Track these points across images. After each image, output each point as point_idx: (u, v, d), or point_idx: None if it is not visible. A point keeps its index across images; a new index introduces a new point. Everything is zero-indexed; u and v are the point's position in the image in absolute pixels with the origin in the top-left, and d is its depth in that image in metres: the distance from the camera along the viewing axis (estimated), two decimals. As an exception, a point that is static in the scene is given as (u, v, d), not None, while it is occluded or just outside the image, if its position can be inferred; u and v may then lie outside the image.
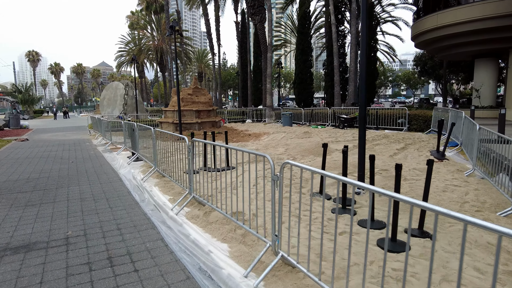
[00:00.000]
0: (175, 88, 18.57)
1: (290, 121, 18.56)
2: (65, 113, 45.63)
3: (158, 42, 47.16)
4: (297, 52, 32.86)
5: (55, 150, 12.42)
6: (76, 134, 19.05)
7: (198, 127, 16.65)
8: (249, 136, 15.17)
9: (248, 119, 23.94)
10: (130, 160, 9.07)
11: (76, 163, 9.58)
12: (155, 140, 6.96)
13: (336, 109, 17.31)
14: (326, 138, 13.03)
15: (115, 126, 13.82)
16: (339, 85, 21.08)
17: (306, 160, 8.66)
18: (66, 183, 6.98)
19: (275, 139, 13.89)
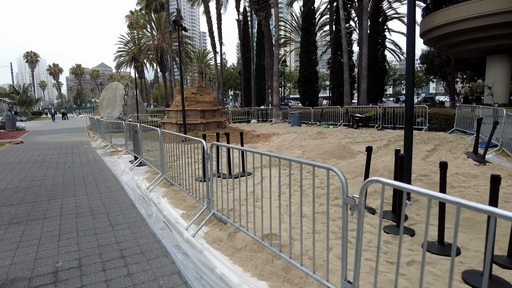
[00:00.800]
0: (178, 87, 17.66)
1: (299, 121, 17.66)
2: (64, 114, 44.71)
3: (158, 42, 46.24)
4: (301, 50, 31.99)
5: (50, 153, 11.51)
6: (74, 136, 18.15)
7: (203, 128, 15.74)
8: (257, 137, 14.27)
9: (253, 119, 23.04)
10: (132, 165, 8.16)
11: (72, 168, 8.68)
12: (162, 143, 6.05)
13: (349, 108, 16.38)
14: (343, 138, 12.14)
15: (115, 127, 12.94)
16: (348, 83, 20.20)
17: (330, 164, 7.74)
18: (60, 194, 6.07)
19: (286, 140, 12.99)
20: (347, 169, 6.93)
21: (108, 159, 10.06)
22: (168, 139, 6.21)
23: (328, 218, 2.53)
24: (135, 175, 7.22)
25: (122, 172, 7.91)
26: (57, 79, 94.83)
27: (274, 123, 19.86)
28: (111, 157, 10.34)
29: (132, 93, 32.35)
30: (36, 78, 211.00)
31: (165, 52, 42.59)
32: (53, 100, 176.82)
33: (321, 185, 5.84)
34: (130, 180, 6.92)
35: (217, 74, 36.58)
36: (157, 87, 77.80)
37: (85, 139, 16.58)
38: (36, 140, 16.26)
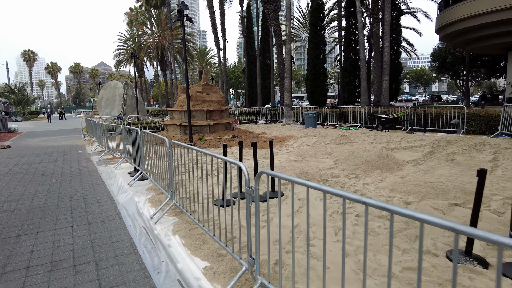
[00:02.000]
0: (182, 85, 16.16)
1: (314, 122, 16.17)
2: (61, 114, 43.21)
3: (158, 39, 44.68)
4: (309, 46, 30.45)
5: (38, 161, 10.00)
6: (69, 139, 16.64)
7: (210, 130, 14.25)
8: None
9: (261, 120, 21.55)
10: (132, 180, 6.66)
11: (60, 182, 7.18)
12: (172, 159, 4.55)
13: (372, 108, 14.84)
14: (373, 143, 10.65)
15: (112, 130, 11.40)
16: (366, 81, 18.68)
17: (376, 179, 6.27)
18: (36, 225, 4.58)
19: (306, 144, 11.50)
20: (404, 187, 5.44)
21: (104, 169, 8.56)
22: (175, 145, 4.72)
23: None
24: (136, 194, 5.72)
25: (119, 188, 6.41)
26: (55, 78, 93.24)
27: (285, 124, 18.36)
28: (107, 166, 8.84)
29: (131, 92, 30.87)
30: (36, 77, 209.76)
31: (165, 50, 41.02)
32: (52, 100, 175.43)
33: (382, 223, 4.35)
34: (129, 202, 5.43)
35: (220, 72, 35.02)
36: (157, 86, 76.26)
37: (80, 142, 15.08)
38: (25, 144, 14.76)
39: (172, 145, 4.50)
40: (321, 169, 7.27)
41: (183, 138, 13.70)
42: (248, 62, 37.55)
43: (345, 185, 6.14)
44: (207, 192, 3.69)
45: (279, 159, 9.01)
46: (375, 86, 20.16)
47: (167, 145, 4.56)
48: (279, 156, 9.53)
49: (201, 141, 13.36)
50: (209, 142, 13.01)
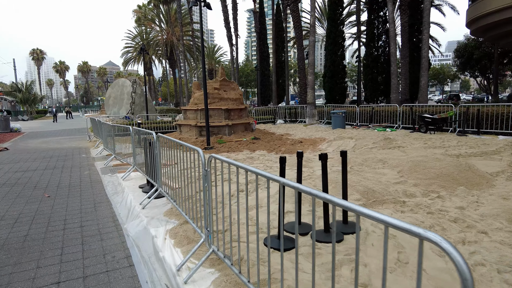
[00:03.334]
0: (197, 82, 14.65)
1: (343, 122, 14.51)
2: (68, 113, 42.16)
3: (167, 36, 43.30)
4: (327, 41, 28.72)
5: (33, 168, 8.56)
6: (73, 140, 15.26)
7: (229, 131, 12.70)
8: (300, 143, 11.17)
9: (279, 120, 19.94)
10: (146, 199, 5.12)
11: (54, 198, 5.69)
12: (210, 182, 2.99)
13: (413, 106, 13.04)
14: (427, 147, 8.98)
15: (120, 131, 9.87)
16: (397, 77, 16.93)
17: (468, 201, 4.65)
18: (5, 281, 3.05)
19: (344, 148, 9.85)
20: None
21: (110, 179, 7.07)
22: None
23: None
24: (151, 222, 4.18)
25: (129, 211, 4.89)
26: (63, 77, 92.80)
27: (308, 125, 16.72)
28: (114, 175, 7.34)
29: (140, 90, 29.53)
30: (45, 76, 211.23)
31: (175, 47, 39.64)
32: (61, 99, 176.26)
33: None
34: (143, 236, 3.89)
35: (233, 69, 33.49)
36: (165, 85, 75.14)
37: (85, 144, 13.67)
38: (25, 146, 13.40)
39: (210, 161, 2.92)
40: (385, 184, 5.66)
41: (199, 140, 12.19)
42: (260, 59, 35.95)
43: (430, 208, 4.54)
44: (256, 223, 2.12)
45: (320, 166, 7.40)
46: (402, 83, 18.40)
47: (202, 161, 2.99)
48: (318, 164, 7.92)
49: (219, 143, 11.83)
50: (228, 145, 11.47)
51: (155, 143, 4.86)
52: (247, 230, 2.43)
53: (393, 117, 13.90)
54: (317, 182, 6.13)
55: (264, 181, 5.30)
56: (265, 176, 2.15)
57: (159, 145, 4.83)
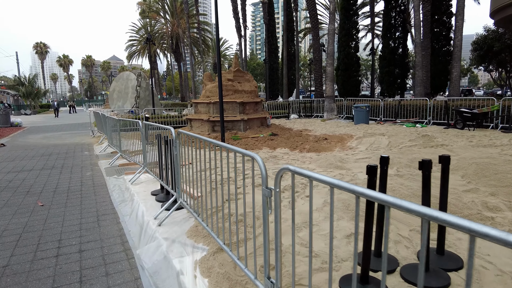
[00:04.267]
0: (208, 73, 13.56)
1: (367, 117, 13.36)
2: (72, 107, 41.29)
3: (173, 28, 42.07)
4: (340, 33, 27.43)
5: (29, 167, 7.55)
6: (76, 135, 14.27)
7: (244, 127, 11.61)
8: (325, 141, 10.06)
9: (292, 114, 18.81)
10: (162, 213, 4.07)
11: (49, 208, 4.67)
12: (279, 209, 1.95)
13: (447, 100, 11.80)
14: (475, 146, 7.85)
15: (126, 126, 8.77)
16: (422, 69, 15.68)
17: None
18: None
19: (378, 147, 8.78)
20: None
21: (115, 182, 6.03)
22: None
23: None
24: (173, 250, 3.13)
25: (141, 228, 3.84)
26: (67, 71, 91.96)
27: (326, 120, 15.58)
28: (120, 178, 6.31)
29: (145, 84, 28.51)
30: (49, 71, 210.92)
31: (180, 39, 38.45)
32: (65, 93, 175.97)
33: None
34: (165, 273, 2.85)
35: (241, 61, 32.29)
36: (170, 79, 74.13)
37: (88, 140, 12.67)
38: (24, 142, 12.42)
39: (280, 177, 1.83)
40: (453, 192, 4.58)
41: (211, 136, 11.13)
42: (269, 51, 34.72)
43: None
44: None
45: (359, 167, 6.33)
46: (423, 77, 17.15)
47: (263, 174, 1.91)
48: (355, 165, 6.85)
49: (234, 140, 10.77)
50: (244, 142, 10.41)
51: (175, 141, 3.79)
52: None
53: (422, 111, 12.72)
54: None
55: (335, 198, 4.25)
56: (365, 196, 1.07)
57: (179, 145, 3.77)
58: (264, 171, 1.90)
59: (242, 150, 2.20)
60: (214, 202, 3.93)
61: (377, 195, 1.27)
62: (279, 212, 1.80)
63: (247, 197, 4.11)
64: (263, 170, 1.90)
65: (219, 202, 4.12)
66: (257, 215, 3.78)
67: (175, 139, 3.79)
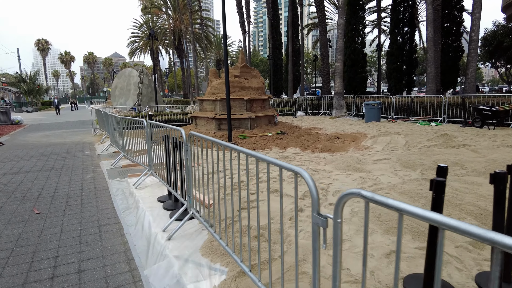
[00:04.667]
0: (213, 68, 13.10)
1: (378, 115, 12.88)
2: (73, 104, 40.93)
3: (175, 24, 41.51)
4: (347, 28, 26.76)
5: (27, 168, 7.14)
6: (77, 134, 13.86)
7: (251, 125, 11.16)
8: (337, 140, 9.59)
9: (299, 112, 18.33)
10: (172, 224, 3.63)
11: (45, 217, 4.24)
12: (339, 250, 1.76)
13: (464, 97, 11.22)
14: (500, 146, 7.37)
15: (130, 124, 8.30)
16: (433, 65, 15.14)
17: None
18: None
19: (395, 147, 8.32)
20: None
21: (119, 186, 5.60)
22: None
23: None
24: (187, 272, 2.70)
25: (149, 243, 3.41)
26: (69, 67, 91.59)
27: (335, 117, 15.10)
28: (124, 181, 5.88)
29: (147, 80, 28.08)
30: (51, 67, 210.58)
31: (183, 35, 37.92)
32: (67, 90, 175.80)
33: None
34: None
35: (247, 57, 31.75)
36: (172, 76, 73.60)
37: (89, 138, 12.26)
38: (24, 140, 12.02)
39: (342, 204, 1.36)
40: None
41: (217, 135, 10.68)
42: (273, 47, 34.14)
43: None
44: None
45: (379, 170, 5.87)
46: (434, 73, 16.60)
47: (315, 196, 1.45)
48: (374, 167, 6.39)
49: (242, 139, 10.32)
50: (252, 141, 9.96)
51: (186, 145, 3.34)
52: None
53: (437, 109, 12.21)
54: (393, 195, 4.60)
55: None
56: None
57: (191, 150, 3.32)
58: (315, 192, 1.44)
59: (284, 163, 1.74)
60: (229, 212, 3.50)
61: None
62: (339, 251, 1.34)
63: (262, 205, 3.70)
64: (313, 190, 1.45)
65: (234, 211, 3.69)
66: (285, 233, 3.34)
67: (186, 141, 3.34)
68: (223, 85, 11.71)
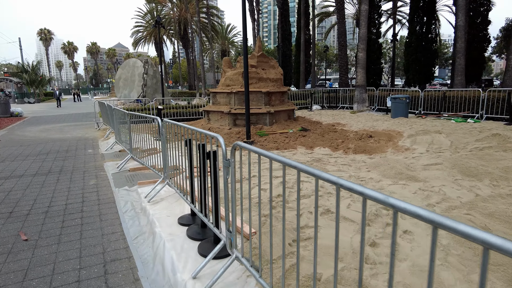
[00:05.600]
0: (227, 58, 12.00)
1: (406, 110, 11.77)
2: (76, 95, 39.99)
3: (180, 13, 40.17)
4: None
5: (20, 172, 6.16)
6: (79, 128, 12.89)
7: (270, 120, 10.11)
8: (370, 139, 8.53)
9: (315, 105, 17.24)
10: (205, 267, 2.61)
11: (34, 246, 3.26)
12: None
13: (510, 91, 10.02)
14: None
15: (137, 120, 7.21)
16: (464, 56, 13.93)
17: None
18: None
19: (440, 148, 7.27)
20: None
21: (127, 197, 4.62)
22: None
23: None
24: None
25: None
26: (72, 58, 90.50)
27: (357, 112, 14.00)
28: (133, 190, 4.90)
29: (152, 71, 27.00)
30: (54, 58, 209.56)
31: (189, 25, 36.61)
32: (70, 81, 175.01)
33: None
34: None
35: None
36: (176, 67, 72.36)
37: (92, 133, 11.28)
38: (21, 135, 11.06)
39: None
40: None
41: (233, 131, 9.66)
42: (282, 37, 32.84)
43: None
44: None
45: (436, 178, 4.81)
46: (462, 64, 15.38)
47: None
48: (421, 172, 5.37)
49: (260, 136, 9.30)
50: (272, 139, 8.94)
51: (230, 160, 2.31)
52: None
53: (473, 104, 11.08)
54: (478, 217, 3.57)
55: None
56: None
57: (233, 170, 2.29)
58: None
59: (352, 184, 0.71)
60: (275, 243, 2.51)
61: None
62: None
63: (309, 232, 2.61)
64: None
65: (285, 243, 2.72)
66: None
67: (230, 155, 2.31)
68: (238, 76, 10.65)
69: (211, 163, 2.72)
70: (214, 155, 2.71)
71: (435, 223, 0.98)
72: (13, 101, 33.89)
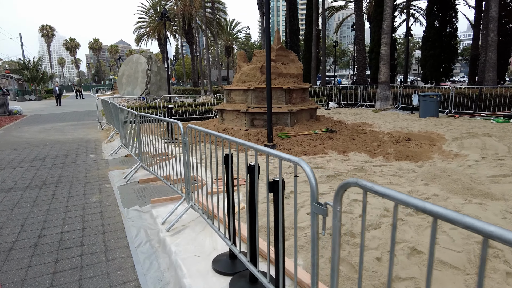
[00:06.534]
0: (242, 51, 10.98)
1: (437, 109, 10.74)
2: (78, 92, 39.10)
3: (184, 7, 39.04)
4: (375, 11, 24.35)
5: (9, 184, 5.21)
6: (80, 128, 11.95)
7: (291, 121, 9.10)
8: (410, 142, 7.51)
9: (331, 103, 16.21)
10: None
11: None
12: None
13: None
14: None
15: (142, 119, 6.13)
16: (495, 50, 12.87)
17: None
18: None
19: (496, 153, 6.28)
20: None
21: (139, 223, 3.65)
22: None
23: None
24: None
25: None
26: (74, 54, 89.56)
27: (380, 110, 12.97)
28: (145, 212, 3.93)
29: (156, 67, 26.00)
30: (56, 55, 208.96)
31: (194, 19, 35.54)
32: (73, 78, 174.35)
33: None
34: None
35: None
36: (179, 63, 71.33)
37: (95, 134, 10.33)
38: (17, 137, 10.11)
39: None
40: None
41: (251, 133, 8.67)
42: (290, 32, 31.71)
43: None
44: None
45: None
46: (494, 59, 14.32)
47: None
48: (491, 186, 4.39)
49: (282, 138, 8.31)
50: (297, 142, 7.96)
51: (335, 208, 1.32)
52: None
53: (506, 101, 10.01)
54: None
55: None
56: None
57: (337, 224, 1.48)
58: None
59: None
60: None
61: None
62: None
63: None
64: None
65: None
66: None
67: (335, 202, 1.32)
68: (256, 71, 9.64)
69: (279, 202, 1.74)
70: (282, 186, 1.73)
71: None
72: (14, 99, 33.01)
